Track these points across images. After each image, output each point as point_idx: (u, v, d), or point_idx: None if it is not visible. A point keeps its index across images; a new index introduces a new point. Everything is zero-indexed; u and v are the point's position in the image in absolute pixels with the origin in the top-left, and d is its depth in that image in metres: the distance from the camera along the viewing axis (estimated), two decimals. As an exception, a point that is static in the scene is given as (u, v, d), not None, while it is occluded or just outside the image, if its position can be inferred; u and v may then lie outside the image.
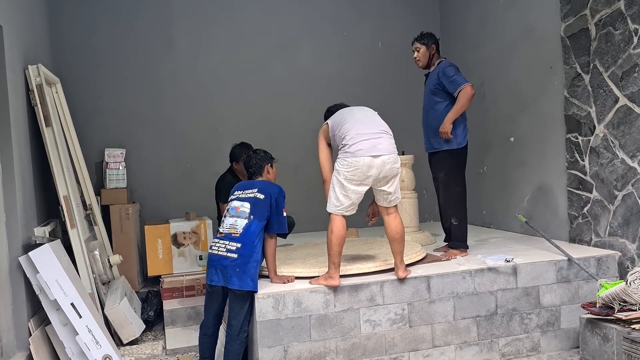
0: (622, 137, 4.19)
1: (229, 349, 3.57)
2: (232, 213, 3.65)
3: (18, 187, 3.87)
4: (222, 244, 3.57)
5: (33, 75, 4.34)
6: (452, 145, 4.33)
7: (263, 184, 3.77)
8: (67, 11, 5.80)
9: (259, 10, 6.35)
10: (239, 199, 3.70)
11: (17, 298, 3.81)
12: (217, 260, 3.55)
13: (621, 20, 4.13)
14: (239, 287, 3.49)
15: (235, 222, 3.60)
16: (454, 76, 4.25)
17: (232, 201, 3.74)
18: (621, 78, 4.16)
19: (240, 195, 3.73)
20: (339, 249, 3.64)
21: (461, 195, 4.42)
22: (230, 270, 3.49)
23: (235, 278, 3.48)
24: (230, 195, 3.82)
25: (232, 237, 3.55)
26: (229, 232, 3.58)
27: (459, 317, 3.89)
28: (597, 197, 4.46)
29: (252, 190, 3.71)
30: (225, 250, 3.54)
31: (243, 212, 3.62)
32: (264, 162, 3.88)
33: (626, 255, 4.20)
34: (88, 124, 5.76)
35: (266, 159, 3.91)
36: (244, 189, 3.76)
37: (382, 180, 3.64)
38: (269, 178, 3.90)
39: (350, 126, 3.67)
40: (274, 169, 3.96)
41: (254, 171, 3.88)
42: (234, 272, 3.48)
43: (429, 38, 4.49)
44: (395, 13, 6.75)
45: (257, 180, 3.85)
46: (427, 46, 4.47)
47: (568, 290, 4.10)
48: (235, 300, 3.55)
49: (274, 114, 6.36)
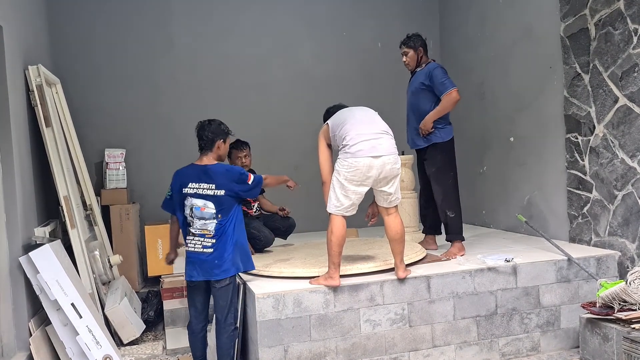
0: (622, 136, 4.19)
1: (218, 344, 3.61)
2: (199, 214, 3.53)
3: (18, 187, 3.87)
4: (197, 241, 3.55)
5: (33, 75, 4.35)
6: (436, 139, 4.40)
7: (219, 176, 3.55)
8: (67, 11, 5.80)
9: (259, 10, 6.35)
10: (200, 197, 3.52)
11: (18, 298, 3.82)
12: (195, 257, 3.55)
13: (621, 20, 4.13)
14: (221, 276, 3.51)
15: (205, 224, 3.53)
16: (442, 79, 4.30)
17: (191, 197, 3.54)
18: (621, 78, 4.16)
19: (198, 190, 3.53)
20: (339, 249, 3.64)
21: (453, 189, 4.47)
22: (209, 264, 3.51)
23: (215, 269, 3.51)
24: (184, 183, 3.58)
25: (205, 236, 3.53)
26: (202, 233, 3.54)
27: (459, 317, 3.90)
28: (596, 196, 4.47)
29: (209, 185, 3.53)
30: (202, 246, 3.53)
31: (209, 213, 3.52)
32: (216, 137, 3.64)
33: (626, 255, 4.20)
34: (88, 124, 5.76)
35: (220, 134, 3.66)
36: (200, 181, 3.55)
37: (382, 180, 3.65)
38: (219, 154, 3.68)
39: (351, 127, 3.67)
40: (226, 144, 3.73)
41: (204, 144, 3.63)
42: (213, 264, 3.51)
43: (416, 40, 4.51)
44: (395, 13, 6.75)
45: (209, 166, 3.59)
46: (415, 49, 4.50)
47: (568, 290, 4.11)
48: (218, 293, 3.56)
49: (273, 113, 6.36)
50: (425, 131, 4.40)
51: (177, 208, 3.65)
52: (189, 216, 3.58)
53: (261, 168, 5.03)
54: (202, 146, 3.66)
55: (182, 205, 3.61)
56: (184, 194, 3.59)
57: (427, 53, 4.58)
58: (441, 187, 4.47)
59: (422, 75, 4.44)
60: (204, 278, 3.56)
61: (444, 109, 4.31)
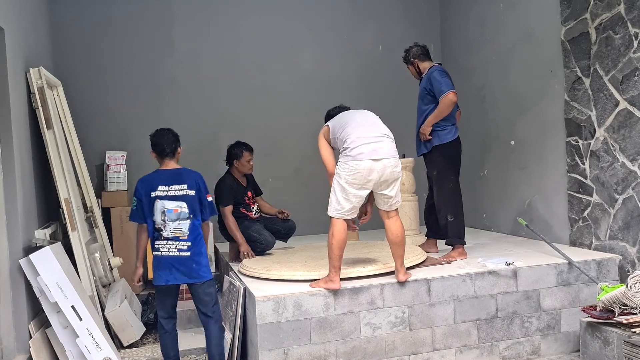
0: (623, 140, 4.19)
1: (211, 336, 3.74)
2: (172, 217, 3.61)
3: (19, 189, 3.88)
4: (171, 245, 3.61)
5: (34, 78, 4.36)
6: (436, 142, 4.41)
7: (188, 176, 3.73)
8: (70, 15, 5.81)
9: (260, 14, 6.36)
10: (172, 199, 3.63)
11: (18, 300, 3.82)
12: (170, 260, 3.61)
13: (621, 24, 4.14)
14: (206, 277, 3.67)
15: (179, 225, 3.61)
16: (440, 81, 4.31)
17: (161, 199, 3.63)
18: (621, 82, 4.16)
19: (169, 192, 3.65)
20: (339, 252, 3.64)
21: (454, 192, 4.46)
22: (186, 267, 3.61)
23: (194, 273, 3.62)
24: (152, 187, 3.67)
25: (179, 238, 3.61)
26: (176, 236, 3.62)
27: (459, 320, 3.89)
28: (597, 200, 4.46)
29: (181, 186, 3.67)
30: (177, 250, 3.61)
31: (183, 213, 3.62)
32: (178, 144, 3.83)
33: (627, 259, 4.20)
34: (89, 126, 5.77)
35: (178, 141, 3.85)
36: (169, 184, 3.66)
37: (383, 184, 3.65)
38: (178, 159, 3.86)
39: (352, 129, 3.67)
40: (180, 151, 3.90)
41: (169, 150, 3.76)
42: (191, 267, 3.61)
43: (408, 54, 4.63)
44: (396, 16, 6.76)
45: (177, 169, 3.76)
46: (411, 63, 4.63)
47: (568, 293, 4.10)
48: (202, 291, 3.68)
49: (275, 117, 6.37)
50: (423, 136, 4.43)
51: (148, 214, 3.67)
52: (161, 220, 3.63)
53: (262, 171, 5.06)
54: (167, 152, 3.76)
55: (152, 211, 3.65)
56: (152, 197, 3.64)
57: (427, 58, 4.60)
58: (441, 190, 4.47)
59: (425, 80, 4.48)
60: (185, 281, 3.65)
61: (441, 112, 4.31)
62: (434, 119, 4.35)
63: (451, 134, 4.41)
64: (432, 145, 4.43)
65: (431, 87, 4.37)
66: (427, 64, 4.55)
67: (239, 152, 4.83)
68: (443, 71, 4.41)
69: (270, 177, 6.11)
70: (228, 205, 4.70)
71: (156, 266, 3.68)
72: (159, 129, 3.88)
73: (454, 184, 4.46)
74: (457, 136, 4.46)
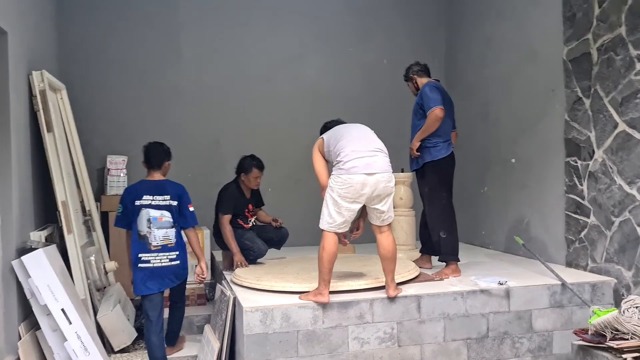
0: (621, 162, 4.16)
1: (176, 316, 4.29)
2: (158, 224, 3.90)
3: (15, 190, 3.91)
4: (162, 256, 3.92)
5: (37, 81, 4.40)
6: (428, 158, 4.41)
7: (171, 187, 4.04)
8: (77, 21, 5.87)
9: (266, 24, 6.40)
10: (156, 208, 3.92)
11: (9, 302, 3.83)
12: (162, 271, 3.94)
13: (622, 46, 4.12)
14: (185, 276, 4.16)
15: (166, 233, 3.93)
16: (429, 97, 4.33)
17: (146, 207, 3.91)
18: (621, 103, 4.14)
19: (153, 202, 3.93)
20: (330, 265, 3.63)
21: (446, 209, 4.44)
22: (175, 273, 4.01)
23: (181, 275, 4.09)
24: (136, 196, 3.95)
25: (168, 248, 3.93)
26: (165, 244, 3.92)
27: (449, 338, 3.86)
28: (594, 222, 4.43)
29: (164, 197, 3.96)
30: (168, 260, 3.95)
31: (167, 222, 3.94)
32: (166, 157, 4.14)
33: (622, 283, 4.15)
34: (92, 130, 5.82)
35: (169, 155, 4.18)
36: (154, 194, 3.95)
37: (375, 198, 3.64)
38: (165, 172, 4.15)
39: (346, 143, 3.68)
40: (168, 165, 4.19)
41: (155, 162, 4.07)
42: (179, 272, 4.04)
43: (408, 72, 4.71)
44: (402, 30, 6.78)
45: (160, 181, 4.06)
46: (410, 80, 4.70)
47: (561, 315, 4.06)
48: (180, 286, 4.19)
49: (277, 127, 6.38)
50: (411, 151, 4.45)
51: (133, 221, 3.95)
52: (147, 228, 3.89)
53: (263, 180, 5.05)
54: (153, 164, 4.09)
55: (136, 219, 3.92)
56: (137, 206, 3.92)
57: (426, 75, 4.65)
58: (433, 207, 4.45)
59: (418, 96, 4.51)
60: (174, 284, 4.05)
61: (427, 127, 4.32)
62: (422, 135, 4.36)
63: (443, 150, 4.40)
64: (424, 162, 4.42)
65: (422, 102, 4.39)
66: (425, 80, 4.57)
67: (248, 167, 4.81)
68: (434, 87, 4.40)
69: (270, 188, 6.12)
70: (227, 214, 4.71)
71: (147, 277, 3.91)
72: (152, 142, 4.20)
73: (446, 200, 4.44)
74: (451, 152, 4.45)
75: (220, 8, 6.28)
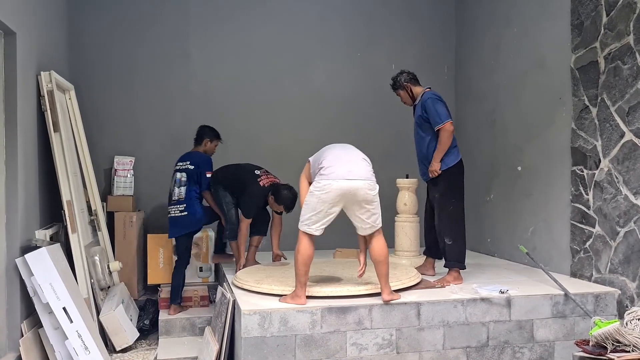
0: (627, 172, 4.11)
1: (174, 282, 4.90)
2: (178, 184, 4.88)
3: (21, 189, 3.96)
4: (176, 208, 4.85)
5: (45, 81, 4.46)
6: (442, 167, 4.36)
7: (194, 156, 4.97)
8: (86, 22, 5.94)
9: (274, 29, 6.42)
10: (179, 171, 4.92)
11: (12, 299, 3.89)
12: (175, 219, 4.85)
13: (630, 54, 4.08)
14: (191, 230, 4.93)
15: (180, 190, 4.86)
16: (436, 112, 4.29)
17: (177, 171, 4.94)
18: (628, 113, 4.10)
19: (182, 166, 4.92)
20: (305, 268, 3.68)
21: (456, 215, 4.41)
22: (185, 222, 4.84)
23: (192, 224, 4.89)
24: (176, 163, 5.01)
25: (180, 201, 4.84)
26: (179, 199, 4.85)
27: (448, 346, 3.84)
28: (599, 232, 4.38)
29: (185, 162, 4.93)
30: (179, 212, 4.84)
31: (183, 181, 4.87)
32: (206, 135, 5.08)
33: (626, 294, 4.10)
34: (100, 130, 5.88)
35: (210, 135, 5.10)
36: (181, 161, 4.97)
37: (356, 204, 3.66)
38: (205, 150, 5.08)
39: (329, 153, 3.79)
40: (212, 145, 5.12)
41: (195, 139, 5.13)
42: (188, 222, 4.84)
43: (399, 80, 4.60)
44: (410, 36, 6.76)
45: (192, 152, 5.06)
46: (402, 88, 4.60)
47: (563, 325, 4.02)
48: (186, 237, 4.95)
49: (284, 130, 6.39)
50: (434, 172, 4.35)
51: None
52: (173, 186, 4.89)
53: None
54: (195, 140, 5.13)
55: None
56: (174, 170, 4.97)
57: (418, 83, 4.61)
58: (443, 213, 4.42)
59: (419, 108, 4.45)
60: (187, 231, 4.86)
61: (443, 145, 4.29)
62: (440, 154, 4.32)
63: (454, 156, 4.38)
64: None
65: (427, 115, 4.35)
66: (419, 89, 4.54)
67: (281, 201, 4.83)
68: (436, 99, 4.36)
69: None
70: (249, 219, 4.84)
71: (171, 224, 4.87)
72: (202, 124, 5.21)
73: (455, 207, 4.41)
74: (460, 159, 4.43)
75: (229, 12, 6.32)
